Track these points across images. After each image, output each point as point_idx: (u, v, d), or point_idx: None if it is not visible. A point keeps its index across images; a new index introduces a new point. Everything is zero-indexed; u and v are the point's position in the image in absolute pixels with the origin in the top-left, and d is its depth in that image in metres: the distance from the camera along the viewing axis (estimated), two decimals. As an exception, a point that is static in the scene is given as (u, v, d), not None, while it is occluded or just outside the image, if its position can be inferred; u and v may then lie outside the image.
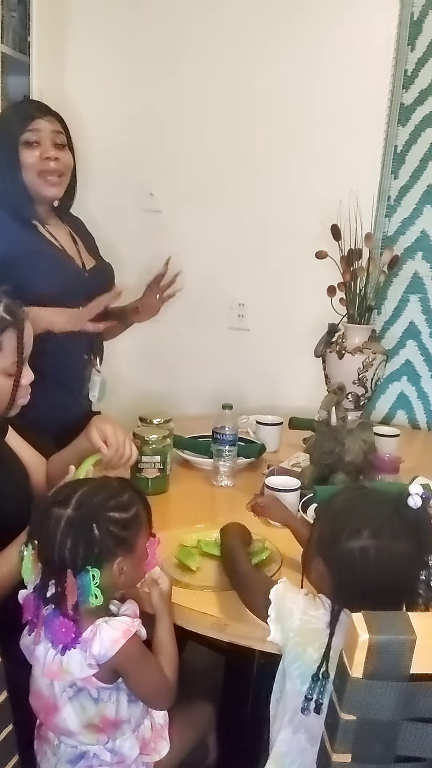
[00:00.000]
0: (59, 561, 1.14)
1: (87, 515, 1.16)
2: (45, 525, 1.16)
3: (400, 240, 2.37)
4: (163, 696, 1.23)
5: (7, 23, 2.32)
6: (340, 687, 0.86)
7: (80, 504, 1.17)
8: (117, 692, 1.21)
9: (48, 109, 1.84)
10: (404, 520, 1.05)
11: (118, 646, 1.14)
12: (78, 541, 1.14)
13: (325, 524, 1.15)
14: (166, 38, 2.58)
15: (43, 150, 1.78)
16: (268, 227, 2.54)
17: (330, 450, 1.74)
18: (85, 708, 1.20)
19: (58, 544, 1.14)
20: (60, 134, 1.82)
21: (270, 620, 1.13)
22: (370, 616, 0.84)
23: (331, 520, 1.13)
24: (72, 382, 1.91)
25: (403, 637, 0.82)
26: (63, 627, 1.14)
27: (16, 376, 1.33)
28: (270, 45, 2.45)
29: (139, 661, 1.18)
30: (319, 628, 1.07)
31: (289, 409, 2.24)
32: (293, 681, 1.08)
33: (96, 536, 1.15)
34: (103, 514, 1.17)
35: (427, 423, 2.44)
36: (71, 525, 1.15)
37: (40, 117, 1.79)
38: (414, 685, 0.84)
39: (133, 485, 1.29)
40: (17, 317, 1.31)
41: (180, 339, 2.70)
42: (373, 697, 0.84)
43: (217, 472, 1.82)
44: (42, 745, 1.28)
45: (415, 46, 2.28)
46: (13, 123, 1.79)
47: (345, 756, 0.87)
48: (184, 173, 2.63)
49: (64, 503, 1.17)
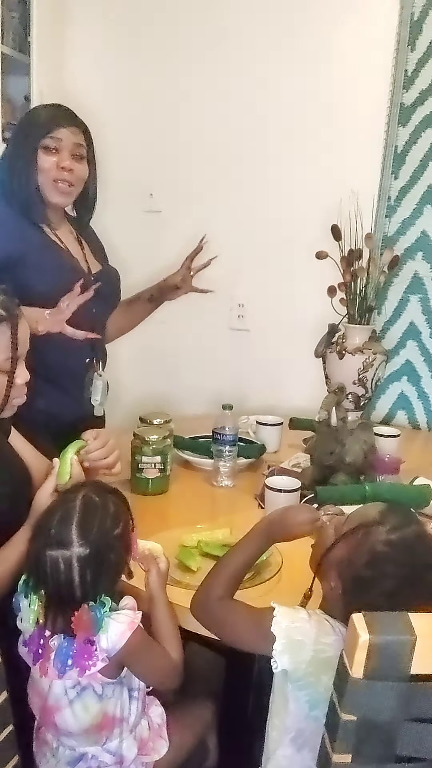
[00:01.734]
0: (79, 598, 1.14)
1: (99, 547, 1.15)
2: (53, 570, 1.14)
3: (400, 240, 2.37)
4: (171, 677, 1.25)
5: (7, 23, 2.32)
6: (340, 687, 0.86)
7: (84, 538, 1.15)
8: (120, 687, 1.22)
9: (75, 119, 1.84)
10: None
11: (125, 638, 1.15)
12: (98, 575, 1.15)
13: (359, 555, 1.04)
14: (166, 38, 2.58)
15: (60, 159, 1.79)
16: (269, 227, 2.54)
17: (330, 450, 1.73)
18: (88, 707, 1.20)
19: (79, 584, 1.14)
20: (80, 147, 1.82)
21: (275, 653, 1.03)
22: (371, 617, 0.84)
23: (368, 556, 1.02)
24: (73, 385, 1.90)
25: (403, 638, 0.82)
26: (85, 653, 1.14)
27: (11, 374, 1.30)
28: (270, 45, 2.45)
29: (145, 650, 1.19)
30: (333, 656, 0.96)
31: (290, 409, 2.24)
32: (300, 704, 1.05)
33: (113, 562, 1.17)
34: (110, 538, 1.18)
35: (427, 423, 2.44)
36: (86, 562, 1.14)
37: (64, 126, 1.79)
38: (414, 686, 0.84)
39: (103, 486, 1.28)
40: (12, 312, 1.29)
41: (180, 339, 2.70)
42: (374, 698, 0.84)
43: (218, 472, 1.82)
44: (41, 748, 1.28)
45: (415, 46, 2.28)
46: (38, 126, 1.80)
47: (345, 756, 0.87)
48: (184, 173, 2.63)
49: (64, 543, 1.15)
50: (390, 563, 1.02)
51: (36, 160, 1.78)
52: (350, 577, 1.04)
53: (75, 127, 1.82)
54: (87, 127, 1.86)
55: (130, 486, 1.74)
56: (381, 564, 1.02)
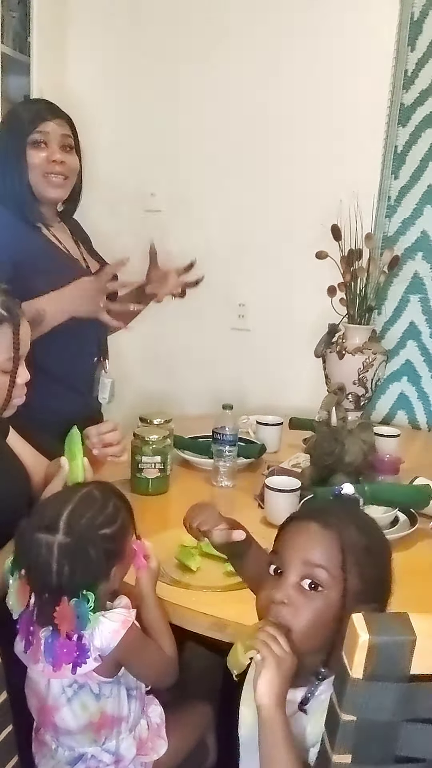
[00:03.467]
0: (55, 588, 1.12)
1: (81, 540, 1.13)
2: (34, 552, 1.13)
3: (400, 240, 2.37)
4: (168, 673, 1.24)
5: (7, 23, 2.32)
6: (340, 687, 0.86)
7: (70, 528, 1.13)
8: (118, 686, 1.22)
9: (58, 110, 1.83)
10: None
11: (119, 636, 1.14)
12: (75, 567, 1.12)
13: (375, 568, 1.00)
14: (166, 38, 2.58)
15: (49, 152, 1.78)
16: (269, 227, 2.54)
17: (330, 450, 1.73)
18: (86, 706, 1.20)
19: (55, 573, 1.12)
20: (68, 137, 1.82)
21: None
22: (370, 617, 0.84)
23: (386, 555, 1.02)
24: (81, 383, 1.91)
25: (403, 638, 0.82)
26: (65, 648, 1.13)
27: (12, 374, 1.31)
28: (270, 45, 2.45)
29: (139, 648, 1.19)
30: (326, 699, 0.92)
31: (290, 409, 2.24)
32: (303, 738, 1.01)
33: (93, 558, 1.13)
34: (95, 534, 1.15)
35: (427, 423, 2.44)
36: (65, 551, 1.12)
37: (49, 119, 1.78)
38: (414, 686, 0.84)
39: (113, 488, 1.27)
40: (13, 313, 1.30)
41: (181, 339, 2.70)
42: (373, 698, 0.84)
43: (218, 472, 1.82)
44: (40, 749, 1.28)
45: (415, 47, 2.28)
46: (22, 122, 1.79)
47: (345, 757, 0.87)
48: (184, 173, 2.63)
49: (51, 528, 1.13)
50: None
51: (25, 157, 1.76)
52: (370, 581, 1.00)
53: (60, 119, 1.81)
54: (70, 117, 1.85)
55: (130, 486, 1.74)
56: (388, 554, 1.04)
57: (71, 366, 1.84)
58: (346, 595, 0.96)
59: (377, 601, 1.00)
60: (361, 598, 0.97)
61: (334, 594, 0.97)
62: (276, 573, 1.01)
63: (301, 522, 1.03)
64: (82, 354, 1.90)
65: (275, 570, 1.01)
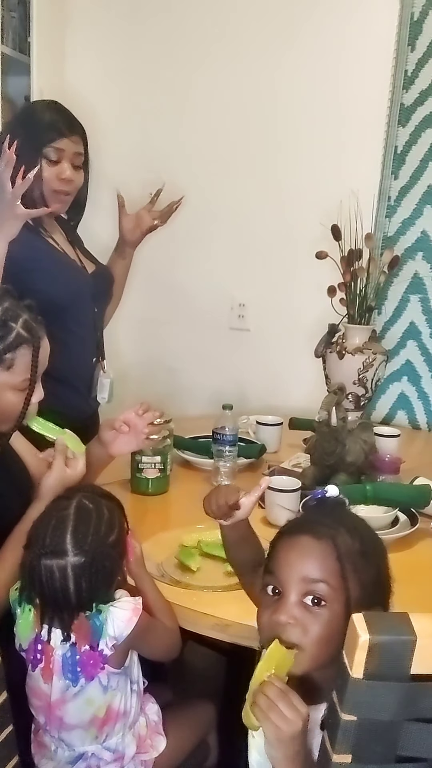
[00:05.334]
0: (75, 606, 1.15)
1: (94, 556, 1.15)
2: (47, 579, 1.14)
3: (400, 240, 2.37)
4: (174, 645, 1.28)
5: (7, 23, 2.32)
6: (340, 687, 0.86)
7: (79, 547, 1.14)
8: (125, 678, 1.23)
9: (75, 125, 1.83)
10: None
11: (132, 624, 1.16)
12: (95, 582, 1.15)
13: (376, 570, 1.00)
14: (166, 38, 2.58)
15: (60, 170, 1.79)
16: (269, 227, 2.54)
17: (330, 450, 1.73)
18: (93, 699, 1.20)
19: (74, 593, 1.14)
20: (79, 156, 1.83)
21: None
22: (371, 617, 0.84)
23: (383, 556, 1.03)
24: (80, 383, 1.92)
25: (403, 638, 0.82)
26: (90, 659, 1.15)
27: (28, 394, 1.32)
28: (270, 46, 2.45)
29: (149, 630, 1.21)
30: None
31: (290, 409, 2.24)
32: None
33: (109, 568, 1.17)
34: (105, 545, 1.17)
35: (427, 423, 2.44)
36: (81, 570, 1.14)
37: (67, 135, 1.79)
38: (415, 686, 0.84)
39: (94, 489, 1.28)
40: (34, 335, 1.30)
41: (180, 339, 2.70)
42: (374, 698, 0.84)
43: (218, 472, 1.82)
44: (40, 750, 1.28)
45: (415, 47, 2.28)
46: (40, 131, 1.79)
47: (345, 756, 0.87)
48: (184, 173, 2.63)
49: (58, 552, 1.14)
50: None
51: (39, 167, 1.76)
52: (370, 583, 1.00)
53: (76, 136, 1.83)
54: (84, 130, 1.86)
55: (130, 486, 1.74)
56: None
57: (70, 366, 1.84)
58: (349, 603, 0.95)
59: (380, 603, 1.00)
60: (364, 603, 0.96)
61: (338, 605, 0.96)
62: (274, 593, 0.99)
63: (293, 537, 1.00)
64: (82, 354, 1.90)
65: (273, 590, 0.99)
